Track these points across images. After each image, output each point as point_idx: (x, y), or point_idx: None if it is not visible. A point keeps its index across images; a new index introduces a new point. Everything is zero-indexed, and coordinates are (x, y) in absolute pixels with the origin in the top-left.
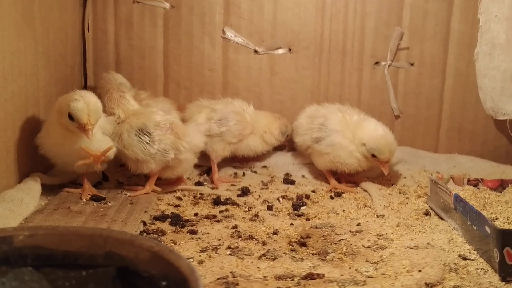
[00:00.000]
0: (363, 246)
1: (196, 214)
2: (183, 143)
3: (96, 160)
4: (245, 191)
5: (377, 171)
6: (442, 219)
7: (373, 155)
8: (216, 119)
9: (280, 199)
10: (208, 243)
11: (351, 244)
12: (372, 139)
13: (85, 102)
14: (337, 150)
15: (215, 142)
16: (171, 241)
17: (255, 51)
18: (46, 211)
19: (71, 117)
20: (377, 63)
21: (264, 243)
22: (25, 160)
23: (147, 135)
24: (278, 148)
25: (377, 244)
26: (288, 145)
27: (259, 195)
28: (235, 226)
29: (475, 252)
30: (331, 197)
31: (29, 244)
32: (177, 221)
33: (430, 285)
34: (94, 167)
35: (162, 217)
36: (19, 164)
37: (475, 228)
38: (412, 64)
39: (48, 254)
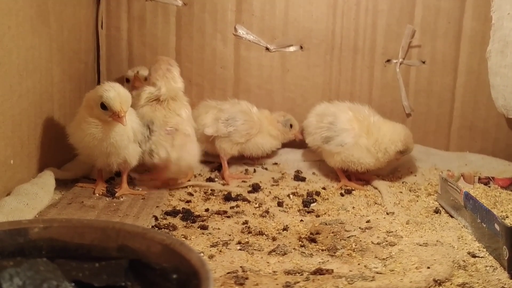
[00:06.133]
0: (372, 242)
1: (207, 210)
2: (173, 155)
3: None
4: (255, 188)
5: (387, 169)
6: (452, 217)
7: (400, 152)
8: (223, 119)
9: (291, 196)
10: (219, 238)
11: (360, 241)
12: (399, 139)
13: (116, 92)
14: (348, 150)
15: (224, 141)
16: (182, 236)
17: (267, 49)
18: (60, 205)
19: (104, 107)
20: (388, 60)
21: (274, 239)
22: (40, 155)
23: (149, 130)
24: (288, 144)
25: (386, 241)
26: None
27: (270, 192)
28: (246, 222)
29: (484, 249)
30: (341, 194)
31: (44, 236)
32: (188, 216)
33: (438, 281)
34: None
35: (173, 212)
36: (33, 158)
37: (484, 226)
38: (423, 62)
39: (62, 246)
